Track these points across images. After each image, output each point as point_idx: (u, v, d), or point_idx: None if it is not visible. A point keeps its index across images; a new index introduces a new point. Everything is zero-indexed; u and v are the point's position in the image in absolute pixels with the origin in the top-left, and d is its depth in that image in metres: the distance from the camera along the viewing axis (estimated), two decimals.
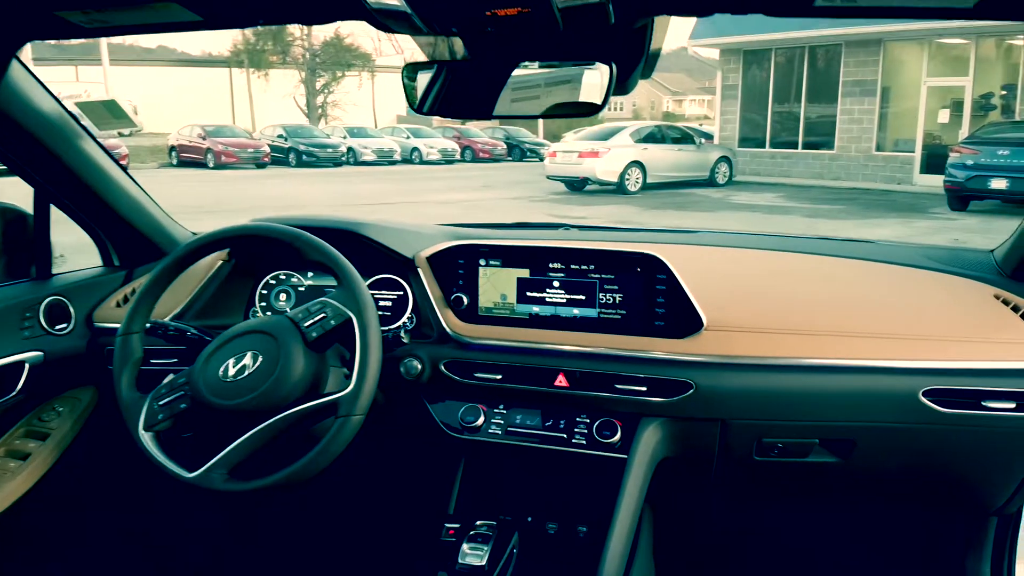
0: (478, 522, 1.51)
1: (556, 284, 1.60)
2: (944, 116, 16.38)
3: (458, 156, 26.99)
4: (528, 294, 1.62)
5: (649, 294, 1.54)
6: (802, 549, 2.03)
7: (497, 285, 1.64)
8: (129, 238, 1.91)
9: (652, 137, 15.92)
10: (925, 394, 1.44)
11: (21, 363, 1.67)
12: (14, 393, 1.67)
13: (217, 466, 1.34)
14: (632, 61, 1.21)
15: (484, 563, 1.40)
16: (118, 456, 1.80)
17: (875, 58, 16.91)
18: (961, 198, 12.06)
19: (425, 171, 22.94)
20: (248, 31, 34.73)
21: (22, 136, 1.57)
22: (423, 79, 1.28)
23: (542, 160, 19.40)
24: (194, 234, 1.98)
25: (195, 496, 1.39)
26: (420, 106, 1.30)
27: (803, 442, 1.52)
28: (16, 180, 1.70)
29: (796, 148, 18.53)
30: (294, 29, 35.66)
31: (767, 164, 18.82)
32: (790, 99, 18.71)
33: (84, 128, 1.66)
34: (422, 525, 1.60)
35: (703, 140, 17.75)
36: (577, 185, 15.65)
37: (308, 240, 1.46)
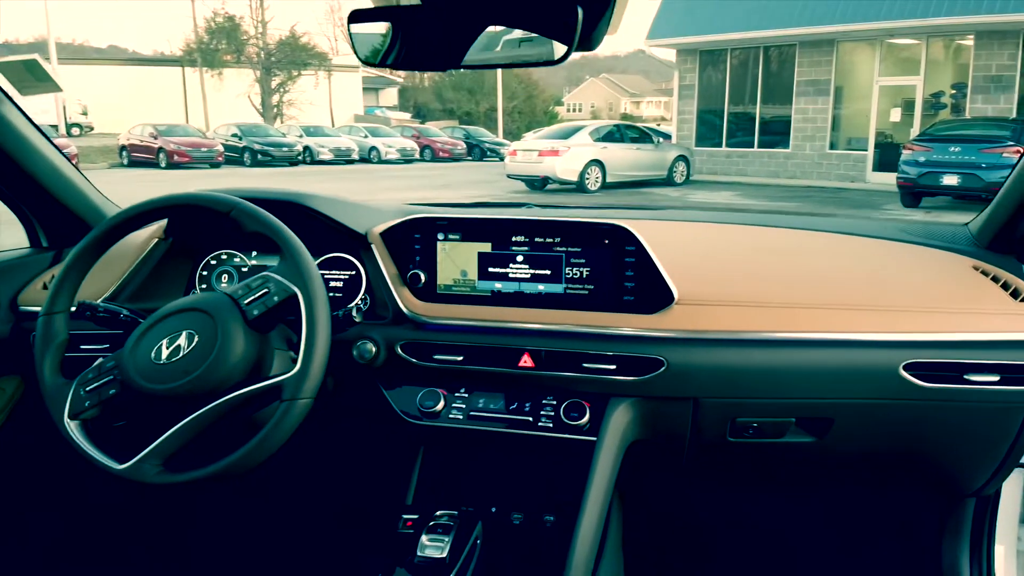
0: (438, 512, 1.41)
1: (520, 259, 1.51)
2: (896, 115, 16.67)
3: (417, 155, 26.79)
4: (490, 270, 1.52)
5: (618, 268, 1.45)
6: (775, 533, 1.97)
7: (456, 261, 1.54)
8: (57, 216, 1.77)
9: (611, 136, 15.93)
10: (906, 368, 1.37)
11: None
12: None
13: (149, 456, 1.22)
14: (599, 8, 1.12)
15: (445, 555, 1.29)
16: (46, 449, 1.67)
17: (828, 58, 17.16)
18: (913, 194, 12.25)
19: (383, 170, 22.71)
20: (201, 29, 34.20)
21: None
22: (373, 28, 1.18)
23: (502, 159, 19.33)
24: None
25: (128, 489, 1.27)
26: (374, 57, 1.19)
27: (779, 421, 1.45)
28: None
29: (752, 147, 18.72)
30: (249, 28, 35.23)
31: (724, 163, 18.98)
32: (746, 99, 18.90)
33: (3, 92, 1.52)
34: (377, 517, 1.49)
35: (661, 140, 17.82)
36: (537, 184, 15.60)
37: (247, 209, 1.34)
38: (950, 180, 11.49)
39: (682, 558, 1.98)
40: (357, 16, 1.17)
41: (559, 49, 1.11)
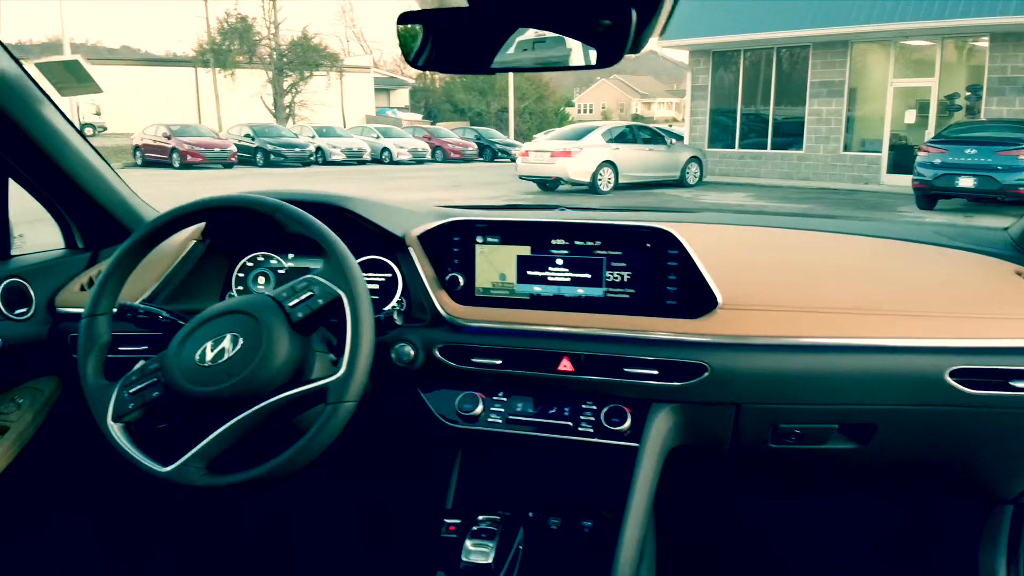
0: (480, 517, 1.40)
1: (559, 262, 1.50)
2: (910, 117, 16.58)
3: (429, 156, 26.80)
4: (529, 273, 1.52)
5: (660, 271, 1.44)
6: (811, 541, 1.95)
7: (495, 264, 1.54)
8: (94, 217, 1.77)
9: (624, 137, 15.90)
10: (952, 374, 1.36)
11: None
12: None
13: (194, 459, 1.22)
14: (648, 10, 1.11)
15: (491, 561, 1.29)
16: (84, 451, 1.67)
17: (842, 60, 17.08)
18: (929, 197, 12.17)
19: (395, 171, 22.73)
20: (214, 30, 34.33)
21: None
22: (419, 30, 1.17)
23: (513, 160, 19.31)
24: None
25: (170, 492, 1.27)
26: (415, 60, 1.19)
27: (822, 427, 1.44)
28: None
29: (765, 149, 18.65)
30: (261, 28, 35.36)
31: (736, 165, 18.92)
32: (759, 100, 18.84)
33: (45, 93, 1.52)
34: (417, 521, 1.49)
35: (674, 141, 17.79)
36: (549, 185, 15.58)
37: (291, 212, 1.34)
38: (966, 182, 11.41)
39: (716, 566, 1.97)
40: (405, 18, 1.17)
41: (608, 52, 1.10)
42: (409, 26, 1.18)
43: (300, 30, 35.28)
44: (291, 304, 1.28)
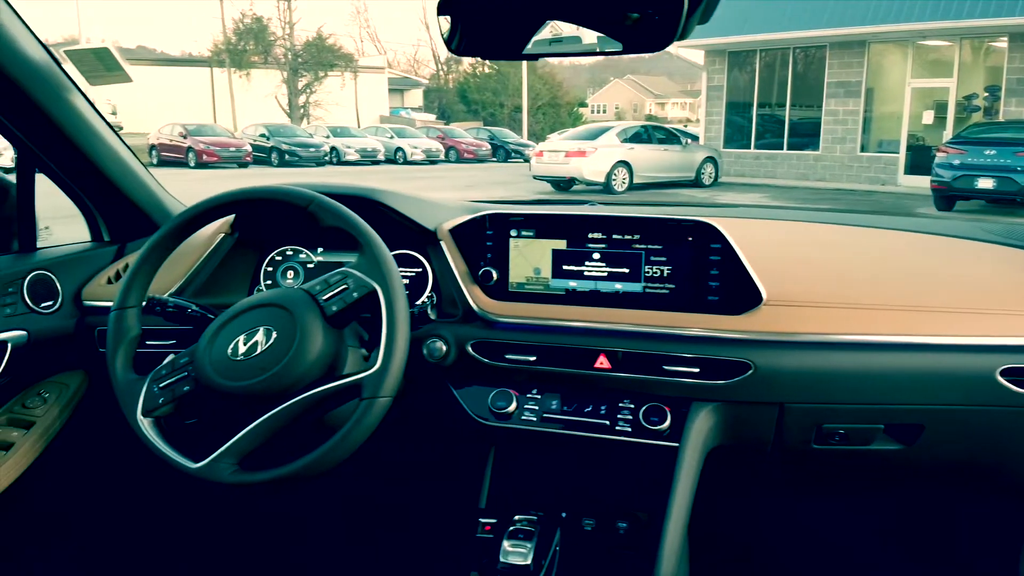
0: (517, 517, 1.37)
1: (596, 256, 1.47)
2: (928, 117, 16.43)
3: (442, 156, 26.80)
4: (564, 267, 1.48)
5: (702, 266, 1.40)
6: (848, 544, 1.91)
7: (529, 258, 1.50)
8: (122, 210, 1.75)
9: (638, 137, 15.83)
10: (1003, 373, 1.31)
11: (2, 344, 1.50)
12: None
13: (225, 455, 1.19)
14: None
15: (529, 562, 1.25)
16: (111, 446, 1.65)
17: (860, 60, 16.95)
18: (947, 198, 12.06)
19: (409, 171, 22.73)
20: (229, 30, 34.47)
21: (5, 84, 1.40)
22: (455, 15, 1.14)
23: (527, 161, 19.26)
24: None
25: (198, 489, 1.24)
26: (456, 46, 1.16)
27: (867, 428, 1.39)
28: None
29: (781, 149, 18.54)
30: (276, 29, 35.48)
31: (752, 165, 18.81)
32: (775, 100, 18.73)
33: (74, 83, 1.50)
34: (450, 520, 1.46)
35: (689, 141, 17.70)
36: (564, 185, 15.53)
37: (326, 204, 1.31)
38: (985, 183, 11.30)
39: (751, 568, 1.93)
40: (445, 4, 1.14)
41: (657, 37, 1.06)
42: (448, 12, 1.15)
43: (315, 30, 35.36)
44: (325, 297, 1.26)
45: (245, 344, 1.24)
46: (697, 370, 1.37)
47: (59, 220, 1.86)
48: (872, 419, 1.38)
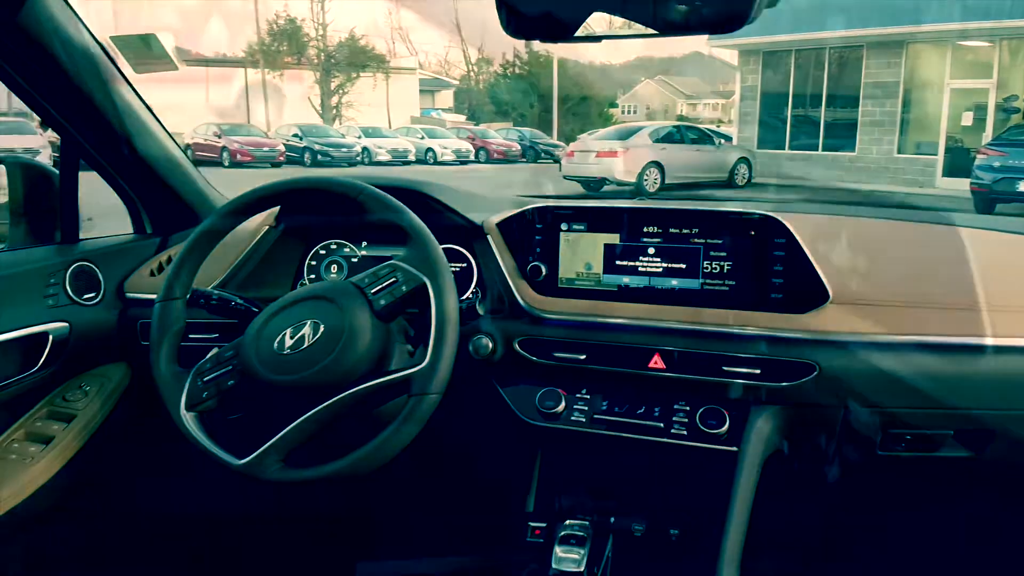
0: (568, 522, 1.32)
1: (651, 251, 1.41)
2: (967, 119, 16.11)
3: (472, 157, 26.78)
4: (617, 263, 1.43)
5: (764, 262, 1.35)
6: (910, 555, 1.83)
7: (580, 253, 1.45)
8: (165, 202, 1.73)
9: (671, 137, 15.70)
10: None
11: (44, 335, 1.49)
12: (35, 369, 1.49)
13: (270, 451, 1.16)
14: None
15: (583, 568, 1.21)
16: (153, 440, 1.62)
17: (897, 60, 16.67)
18: (988, 201, 11.79)
19: (440, 171, 22.76)
20: (263, 32, 34.82)
21: (50, 69, 1.38)
22: None
23: (557, 161, 19.18)
24: None
25: (242, 485, 1.21)
26: (514, 29, 1.11)
27: (936, 434, 1.33)
28: None
29: (816, 150, 18.29)
30: (309, 30, 35.75)
31: (786, 166, 18.57)
32: (809, 101, 18.49)
33: (121, 71, 1.47)
34: (497, 523, 1.41)
35: (722, 141, 17.52)
36: (594, 185, 15.43)
37: (376, 195, 1.27)
38: None
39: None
40: None
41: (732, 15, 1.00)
42: None
43: (347, 31, 35.60)
44: (374, 291, 1.22)
45: (292, 337, 1.21)
46: (759, 371, 1.31)
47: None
48: (941, 424, 1.31)
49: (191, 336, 1.50)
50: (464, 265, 1.58)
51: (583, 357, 1.41)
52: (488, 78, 48.29)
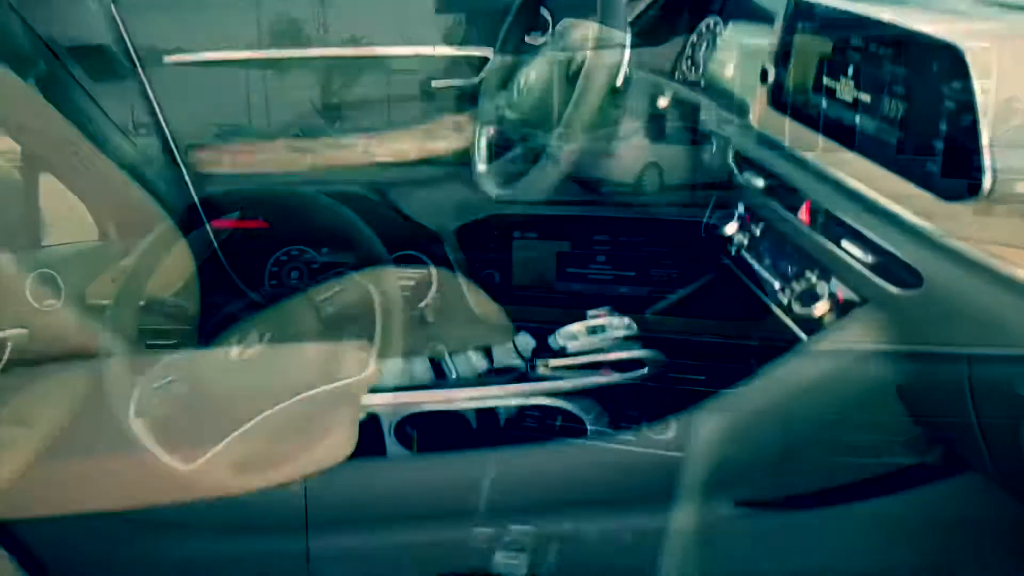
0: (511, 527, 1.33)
1: (601, 259, 1.43)
2: None
3: None
4: (568, 270, 1.45)
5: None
6: None
7: (533, 260, 1.47)
8: (129, 207, 1.74)
9: None
10: None
11: (3, 341, 1.50)
12: None
13: (219, 457, 1.18)
14: None
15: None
16: (112, 446, 1.64)
17: None
18: None
19: None
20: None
21: (8, 80, 1.40)
22: None
23: None
24: None
25: (195, 490, 1.22)
26: None
27: None
28: None
29: None
30: None
31: None
32: None
33: (76, 80, 1.49)
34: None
35: None
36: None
37: (326, 204, 1.30)
38: None
39: None
40: None
41: None
42: None
43: None
44: (325, 301, 1.25)
45: (242, 345, 1.23)
46: None
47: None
48: None
49: (148, 342, 1.52)
50: (423, 271, 1.59)
51: None
52: None
